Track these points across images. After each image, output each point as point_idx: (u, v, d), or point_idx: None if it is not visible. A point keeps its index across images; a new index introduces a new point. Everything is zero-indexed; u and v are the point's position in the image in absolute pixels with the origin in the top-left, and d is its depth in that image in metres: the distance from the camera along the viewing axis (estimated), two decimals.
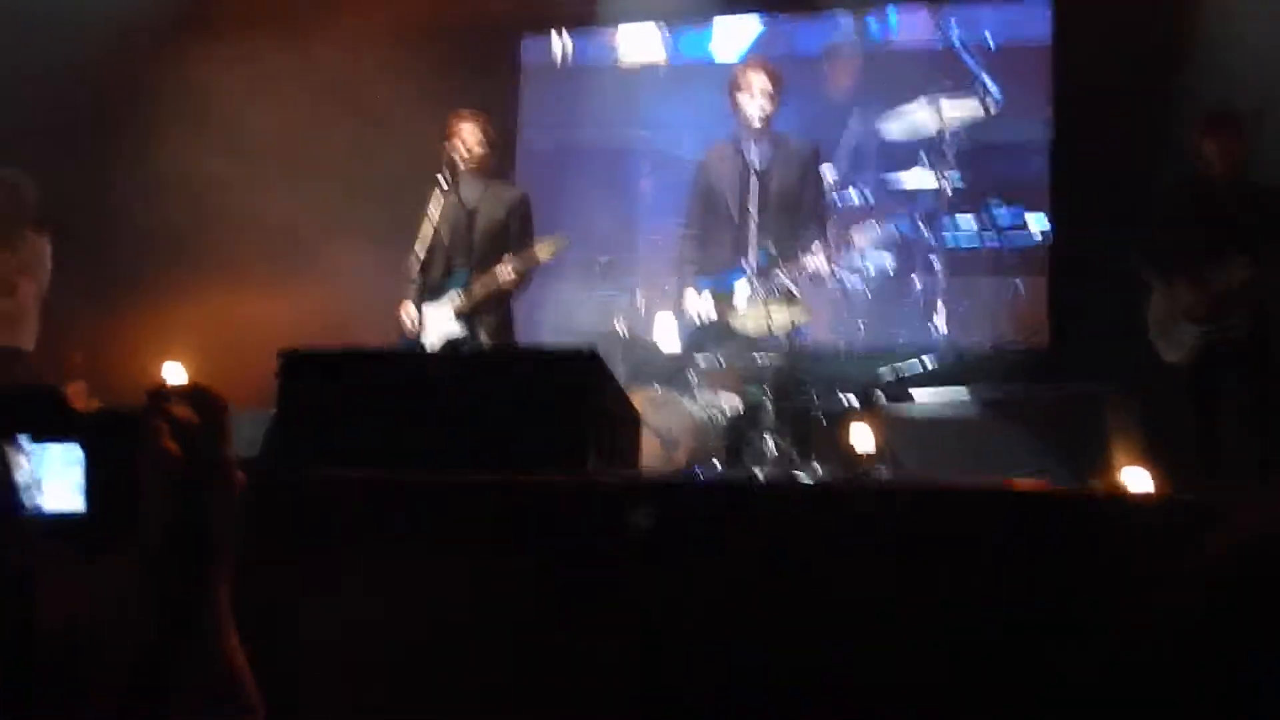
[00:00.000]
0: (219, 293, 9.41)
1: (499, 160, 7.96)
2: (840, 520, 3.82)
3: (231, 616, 1.43)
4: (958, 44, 10.36)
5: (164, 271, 9.67)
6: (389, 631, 3.69)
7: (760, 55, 10.18)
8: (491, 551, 3.90)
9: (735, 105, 9.24)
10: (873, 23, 10.75)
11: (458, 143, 7.65)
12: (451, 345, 7.63)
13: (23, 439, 1.34)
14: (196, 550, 1.37)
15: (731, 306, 9.31)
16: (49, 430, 1.35)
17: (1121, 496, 4.88)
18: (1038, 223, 9.97)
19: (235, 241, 9.37)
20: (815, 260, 9.32)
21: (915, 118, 9.85)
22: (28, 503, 1.33)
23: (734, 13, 10.79)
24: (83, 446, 1.34)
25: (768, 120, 9.18)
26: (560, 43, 11.27)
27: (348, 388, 5.32)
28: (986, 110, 9.89)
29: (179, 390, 1.43)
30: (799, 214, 9.39)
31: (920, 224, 10.08)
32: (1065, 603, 3.53)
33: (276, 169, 9.37)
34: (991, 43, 10.41)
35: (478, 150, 7.68)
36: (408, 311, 7.68)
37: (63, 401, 1.22)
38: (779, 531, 3.79)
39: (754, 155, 9.31)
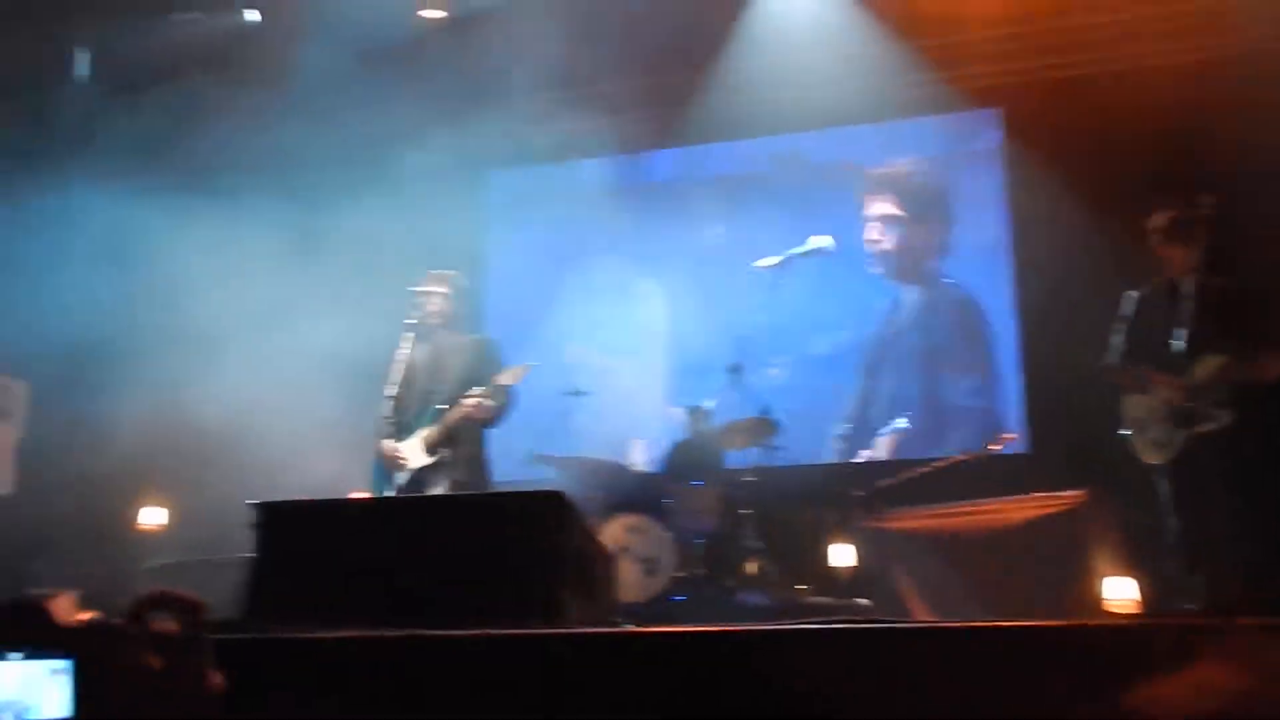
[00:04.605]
0: (198, 436, 9.36)
1: (470, 311, 8.06)
2: (829, 661, 3.76)
3: None
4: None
5: (145, 415, 9.59)
6: None
7: None
8: (471, 709, 3.83)
9: None
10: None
11: (432, 299, 7.77)
12: (421, 476, 7.60)
13: (13, 656, 1.35)
14: None
15: (706, 425, 9.31)
16: (38, 645, 1.35)
17: (1107, 625, 4.81)
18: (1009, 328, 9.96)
19: (218, 386, 9.30)
20: (777, 373, 9.38)
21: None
22: (14, 714, 1.33)
23: (692, 144, 10.86)
24: (72, 659, 1.34)
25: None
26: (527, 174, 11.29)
27: (317, 537, 5.28)
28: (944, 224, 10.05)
29: (161, 600, 1.44)
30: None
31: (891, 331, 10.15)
32: None
33: (252, 313, 9.35)
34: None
35: (448, 308, 7.81)
36: (381, 449, 7.65)
37: (48, 617, 1.25)
38: (768, 678, 3.73)
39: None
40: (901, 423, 9.95)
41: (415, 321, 7.70)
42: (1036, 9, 9.68)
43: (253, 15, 10.32)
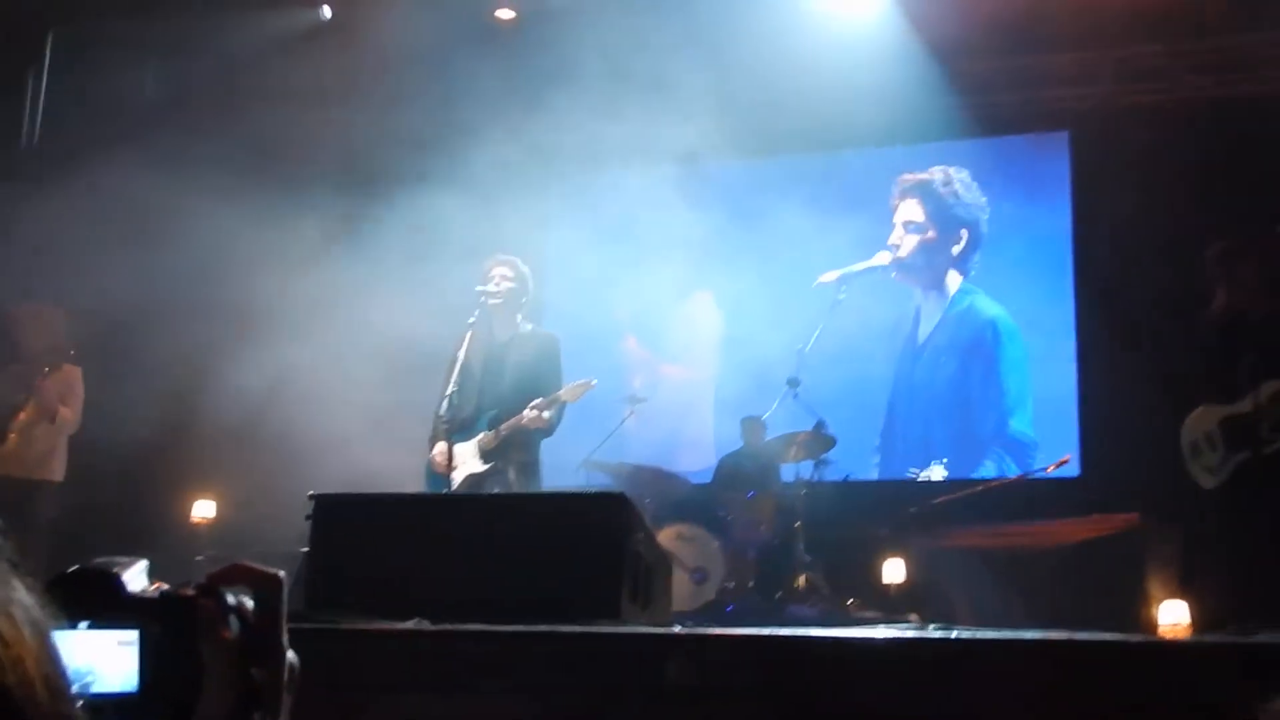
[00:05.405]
0: (250, 431, 9.41)
1: (530, 299, 7.94)
2: (875, 671, 3.79)
3: None
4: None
5: (195, 407, 9.64)
6: None
7: None
8: (526, 703, 3.87)
9: None
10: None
11: (490, 285, 7.66)
12: (475, 481, 7.59)
13: (81, 626, 1.36)
14: None
15: (761, 439, 9.31)
16: (106, 616, 1.37)
17: (1161, 643, 4.82)
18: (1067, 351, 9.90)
19: (273, 379, 9.33)
20: (832, 388, 9.35)
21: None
22: (80, 686, 1.35)
23: (762, 155, 10.85)
24: (140, 630, 1.36)
25: None
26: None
27: (378, 532, 5.31)
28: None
29: (236, 573, 1.46)
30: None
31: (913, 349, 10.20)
32: None
33: (305, 300, 9.41)
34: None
35: (506, 287, 7.68)
36: (438, 449, 7.64)
37: (117, 586, 1.26)
38: (811, 684, 3.75)
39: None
40: (938, 472, 9.88)
41: (474, 320, 7.67)
42: (1107, 35, 9.63)
43: (325, 12, 10.41)
